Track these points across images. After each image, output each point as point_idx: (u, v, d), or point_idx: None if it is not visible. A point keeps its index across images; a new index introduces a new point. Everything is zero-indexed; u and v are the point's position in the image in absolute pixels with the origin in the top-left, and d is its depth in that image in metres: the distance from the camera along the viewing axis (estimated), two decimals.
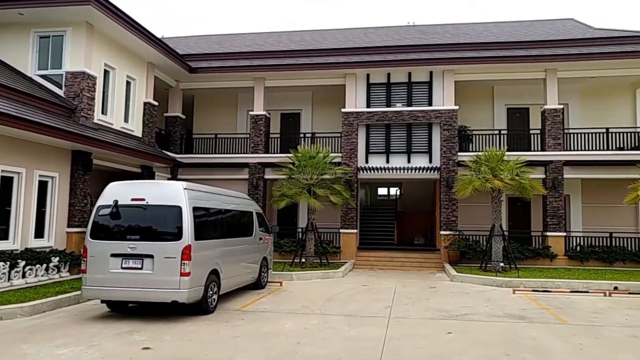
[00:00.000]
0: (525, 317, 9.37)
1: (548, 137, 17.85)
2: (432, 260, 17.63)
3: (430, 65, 18.12)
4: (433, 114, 18.09)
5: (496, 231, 15.40)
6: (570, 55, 17.55)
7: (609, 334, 8.11)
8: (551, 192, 17.55)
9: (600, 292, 12.24)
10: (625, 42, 18.35)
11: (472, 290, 12.64)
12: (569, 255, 17.17)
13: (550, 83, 17.98)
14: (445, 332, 8.11)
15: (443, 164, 17.87)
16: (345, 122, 18.40)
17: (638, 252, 16.96)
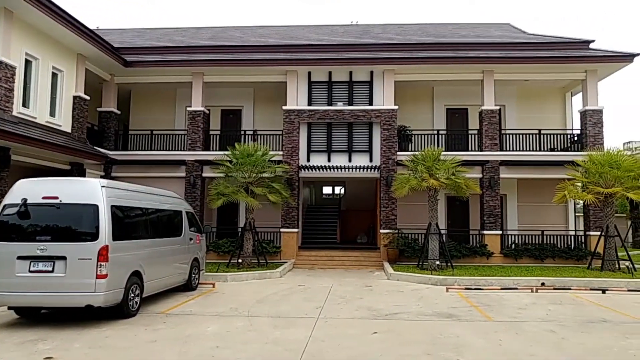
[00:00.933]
0: (453, 315, 9.44)
1: (485, 138, 18.28)
2: (372, 259, 17.68)
3: (371, 65, 18.18)
4: (373, 113, 18.15)
5: (432, 230, 15.60)
6: (506, 58, 18.05)
7: (528, 329, 8.27)
8: (488, 191, 17.98)
9: (528, 288, 12.60)
10: (557, 48, 19.07)
11: (407, 289, 12.70)
12: (504, 252, 17.65)
13: (487, 85, 18.42)
14: (371, 332, 8.02)
15: (383, 163, 17.96)
16: (286, 119, 18.16)
17: (566, 249, 17.65)
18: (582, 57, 18.11)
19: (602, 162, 15.18)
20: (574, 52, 18.58)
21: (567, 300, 11.13)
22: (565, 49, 18.96)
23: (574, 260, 17.22)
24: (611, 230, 15.34)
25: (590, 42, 19.17)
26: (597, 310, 10.07)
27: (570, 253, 17.48)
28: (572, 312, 9.84)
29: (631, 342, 7.57)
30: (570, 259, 17.31)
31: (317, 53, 18.88)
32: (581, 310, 9.98)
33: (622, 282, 13.20)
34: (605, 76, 19.20)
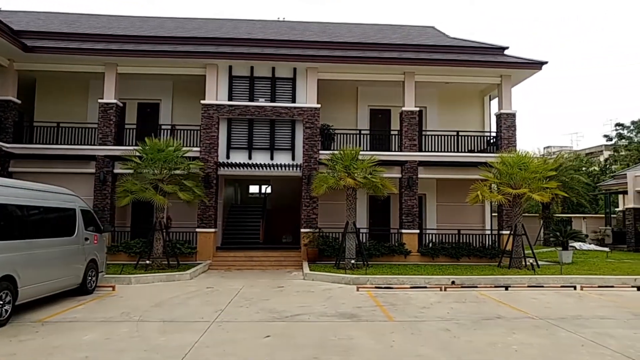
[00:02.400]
0: (356, 316, 9.32)
1: (405, 138, 18.50)
2: (292, 259, 17.41)
3: (294, 61, 17.90)
4: (296, 111, 17.90)
5: (350, 229, 15.55)
6: (426, 60, 18.34)
7: (425, 329, 8.26)
8: (406, 191, 18.20)
9: (437, 286, 12.75)
10: (475, 53, 19.63)
11: (319, 289, 12.51)
12: (422, 251, 17.93)
13: (408, 86, 18.66)
14: (264, 336, 7.71)
15: (305, 162, 17.74)
16: (205, 114, 17.52)
17: (481, 248, 18.20)
18: (497, 62, 18.73)
19: (511, 164, 15.73)
20: (490, 57, 19.20)
21: (471, 298, 11.34)
22: (483, 53, 19.56)
23: (488, 258, 17.79)
24: (519, 230, 15.93)
25: (505, 48, 19.88)
26: (495, 307, 10.30)
27: (484, 252, 18.06)
28: (472, 309, 10.00)
29: (516, 337, 7.72)
30: (484, 258, 17.87)
31: (239, 47, 18.35)
32: (481, 308, 10.16)
33: (524, 279, 13.69)
34: (519, 82, 20.01)
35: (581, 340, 7.57)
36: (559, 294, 12.16)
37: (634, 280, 13.90)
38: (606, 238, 27.15)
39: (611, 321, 9.01)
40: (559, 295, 11.86)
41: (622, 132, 42.39)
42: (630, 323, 8.86)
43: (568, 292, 12.38)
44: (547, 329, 8.34)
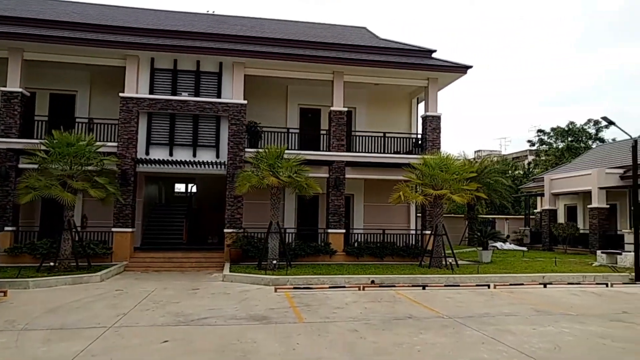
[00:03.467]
0: (266, 318, 9.01)
1: (333, 138, 18.43)
2: (215, 260, 16.85)
3: (220, 56, 17.34)
4: (221, 106, 17.35)
5: (273, 229, 15.24)
6: (355, 60, 18.36)
7: (333, 330, 8.09)
8: (333, 191, 18.13)
9: (356, 286, 12.70)
10: (404, 55, 19.90)
11: (236, 290, 12.11)
12: (347, 251, 17.92)
13: (337, 85, 18.60)
14: (162, 341, 7.24)
15: (230, 159, 17.24)
16: (123, 108, 16.60)
17: (404, 247, 18.46)
18: (424, 65, 19.06)
19: (433, 166, 16.02)
20: (419, 59, 19.53)
21: (387, 298, 11.35)
22: (412, 56, 19.86)
23: (411, 258, 18.06)
24: (439, 230, 16.26)
25: (432, 51, 20.32)
26: (409, 306, 10.34)
27: (407, 251, 18.33)
28: (385, 309, 9.97)
29: (423, 337, 7.72)
30: (408, 257, 18.13)
31: (162, 38, 17.54)
32: (395, 307, 10.17)
33: (442, 278, 13.95)
34: (446, 85, 20.50)
35: (483, 338, 7.67)
36: (473, 292, 12.45)
37: (542, 277, 14.53)
38: (525, 238, 28.51)
39: (514, 318, 9.25)
40: (473, 294, 12.13)
41: (543, 138, 44.88)
42: (531, 319, 9.14)
43: (482, 291, 12.71)
44: (454, 327, 8.42)
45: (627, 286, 14.15)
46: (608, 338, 7.82)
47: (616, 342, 7.60)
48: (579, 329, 8.39)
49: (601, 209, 23.54)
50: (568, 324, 8.83)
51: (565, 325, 8.70)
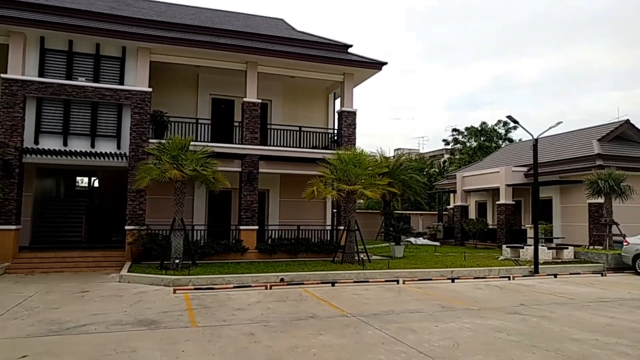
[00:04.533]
0: (155, 323, 8.19)
1: (246, 131, 17.70)
2: (115, 259, 15.56)
3: (123, 39, 16.00)
4: (123, 94, 16.04)
5: (177, 225, 14.28)
6: (269, 50, 17.72)
7: (227, 334, 7.46)
8: (246, 185, 17.41)
9: (264, 285, 12.14)
10: (320, 48, 19.55)
11: (130, 292, 11.09)
12: (260, 248, 17.28)
13: (250, 76, 17.88)
14: (20, 356, 6.23)
15: (132, 151, 16.00)
16: (6, 91, 14.82)
17: (319, 243, 18.13)
18: (340, 60, 18.83)
19: (346, 161, 15.79)
20: (335, 54, 19.27)
21: (294, 296, 10.88)
22: (328, 50, 19.56)
23: (325, 254, 17.75)
24: (352, 225, 16.08)
25: (349, 46, 20.16)
26: (314, 305, 9.93)
27: (322, 247, 18.01)
28: (289, 309, 9.48)
29: (321, 338, 7.29)
30: (322, 253, 17.81)
31: (53, 16, 15.87)
32: (299, 307, 9.70)
33: (353, 274, 13.72)
34: (362, 81, 20.46)
35: (384, 338, 7.38)
36: (382, 288, 12.31)
37: (450, 272, 14.75)
38: (438, 233, 29.37)
39: (419, 315, 9.11)
40: (381, 290, 11.98)
41: (457, 137, 46.73)
42: (434, 316, 9.03)
43: (390, 287, 12.61)
44: (356, 327, 8.08)
45: (526, 278, 14.71)
46: (504, 332, 7.82)
47: (511, 335, 7.61)
48: (479, 324, 8.37)
49: (508, 205, 24.67)
50: (470, 319, 8.80)
51: (467, 320, 8.66)
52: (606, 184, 18.23)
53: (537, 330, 8.00)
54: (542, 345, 7.04)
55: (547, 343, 7.19)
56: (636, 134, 24.97)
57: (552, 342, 7.23)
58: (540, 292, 12.15)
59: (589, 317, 9.16)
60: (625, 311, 9.79)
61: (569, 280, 14.47)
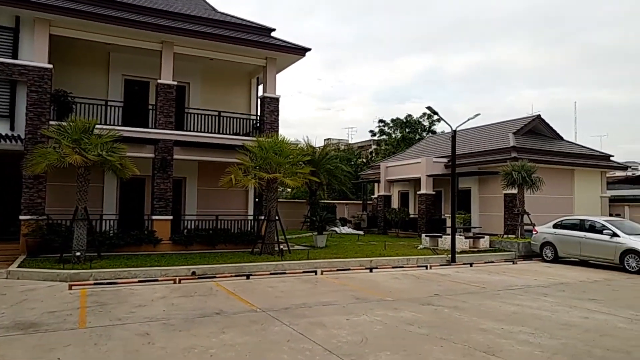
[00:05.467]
0: (36, 325, 7.25)
1: (160, 114, 16.61)
2: (8, 253, 14.04)
3: (16, 7, 14.35)
4: (17, 69, 14.44)
5: (80, 215, 13.09)
6: (187, 30, 16.67)
7: (118, 336, 6.71)
8: (159, 173, 16.37)
9: (172, 279, 11.37)
10: (242, 30, 18.71)
11: (16, 290, 9.92)
12: (175, 239, 16.35)
13: (166, 57, 16.79)
14: None
15: (29, 133, 14.48)
16: None
17: (239, 234, 17.47)
18: (262, 43, 18.14)
19: (267, 148, 15.23)
20: (256, 37, 18.53)
21: (203, 291, 10.22)
22: (250, 32, 18.77)
23: (245, 245, 17.11)
24: (272, 215, 15.57)
25: (272, 30, 19.47)
26: (224, 300, 9.35)
27: (242, 238, 17.37)
28: (195, 305, 8.83)
29: (223, 337, 6.75)
30: (242, 244, 17.17)
31: None
32: (206, 302, 9.07)
33: (271, 266, 13.24)
34: (285, 66, 19.92)
35: (290, 335, 6.96)
36: (299, 280, 11.94)
37: (370, 262, 14.68)
38: (362, 222, 29.58)
39: (331, 308, 8.80)
40: (298, 282, 11.60)
41: (383, 128, 47.49)
42: (347, 308, 8.76)
43: (308, 278, 12.27)
44: (263, 323, 7.60)
45: (443, 267, 14.94)
46: (415, 324, 7.67)
47: (422, 328, 7.46)
48: (391, 317, 8.18)
49: (428, 195, 25.20)
50: (382, 311, 8.61)
51: (380, 312, 8.46)
52: (519, 175, 18.98)
53: (448, 322, 7.93)
54: (451, 338, 6.93)
55: (456, 335, 7.10)
56: (546, 128, 26.39)
57: (460, 334, 7.15)
58: (455, 281, 12.31)
59: (498, 305, 9.28)
60: (530, 298, 10.05)
61: (483, 269, 14.86)
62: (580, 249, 16.04)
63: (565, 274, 14.08)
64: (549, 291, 11.01)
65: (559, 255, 16.75)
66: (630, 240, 14.65)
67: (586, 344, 6.76)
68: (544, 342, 6.80)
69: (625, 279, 13.36)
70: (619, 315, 8.56)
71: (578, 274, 14.16)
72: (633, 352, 6.44)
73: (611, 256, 15.04)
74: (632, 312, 8.89)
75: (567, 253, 16.59)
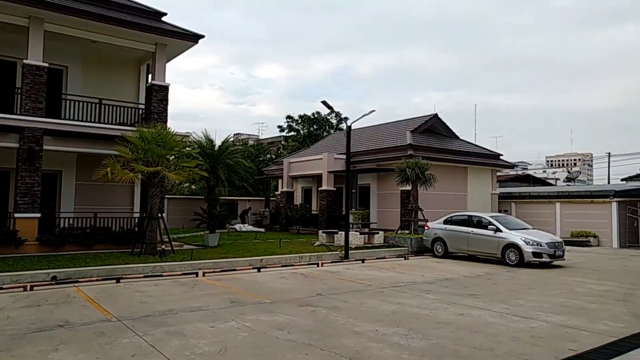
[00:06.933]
0: None
1: (26, 99, 14.73)
2: None
3: None
4: None
5: None
6: (59, 5, 14.91)
7: None
8: (25, 165, 14.50)
9: (23, 286, 9.90)
10: (129, 12, 17.13)
11: None
12: (43, 240, 14.58)
13: (35, 34, 14.92)
14: None
15: None
16: None
17: (120, 233, 16.04)
18: (151, 27, 16.76)
19: (149, 139, 14.00)
20: (145, 20, 17.12)
21: (57, 298, 8.94)
22: (136, 15, 17.28)
23: (127, 245, 15.69)
24: (155, 212, 14.38)
25: (163, 14, 18.09)
26: (78, 308, 8.18)
27: (124, 237, 15.96)
28: (37, 316, 7.60)
29: (52, 357, 5.70)
30: (123, 244, 15.75)
31: None
32: (53, 313, 7.86)
33: (148, 267, 12.13)
34: (177, 54, 18.76)
35: (139, 347, 6.06)
36: (176, 283, 10.97)
37: (260, 261, 14.02)
38: (264, 219, 28.88)
39: (200, 313, 7.98)
40: (173, 285, 10.63)
41: (292, 125, 47.12)
42: (218, 314, 7.99)
43: (186, 280, 11.33)
44: (112, 335, 6.61)
45: (335, 264, 14.66)
46: (286, 329, 7.09)
47: (292, 333, 6.89)
48: (262, 321, 7.54)
49: (329, 191, 25.05)
50: (255, 315, 7.95)
51: (251, 317, 7.79)
52: (413, 172, 19.28)
53: (323, 325, 7.45)
54: (319, 343, 6.42)
55: (326, 340, 6.61)
56: (443, 127, 27.33)
57: (331, 338, 6.68)
58: (343, 279, 11.99)
59: (379, 304, 9.00)
60: (412, 296, 9.92)
61: (374, 265, 14.77)
62: (468, 244, 16.54)
63: (453, 269, 14.35)
64: (433, 287, 11.01)
65: (449, 251, 17.18)
66: (511, 235, 15.30)
67: (455, 342, 6.58)
68: (415, 343, 6.52)
69: (504, 271, 13.86)
70: (492, 310, 8.61)
71: (464, 268, 14.50)
72: (496, 349, 6.33)
73: (495, 250, 15.62)
74: (505, 306, 9.01)
75: (456, 248, 17.05)
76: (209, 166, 19.45)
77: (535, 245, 14.78)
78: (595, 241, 23.70)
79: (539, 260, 14.68)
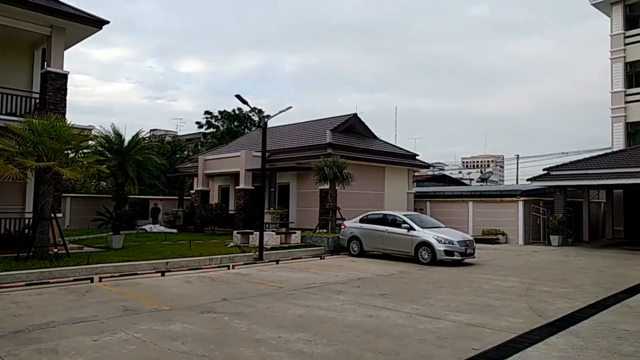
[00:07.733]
0: None
1: None
2: None
3: None
4: None
5: None
6: None
7: None
8: None
9: None
10: None
11: None
12: None
13: None
14: None
15: None
16: None
17: (5, 235, 14.40)
18: (45, 7, 15.16)
19: (40, 132, 12.59)
20: None
21: None
22: None
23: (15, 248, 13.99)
24: (47, 212, 12.99)
25: None
26: None
27: (11, 240, 14.28)
28: None
29: None
30: (10, 248, 14.04)
31: None
32: None
33: (33, 274, 10.85)
34: (78, 40, 17.20)
35: None
36: (65, 290, 9.85)
37: (165, 264, 13.10)
38: (177, 219, 27.56)
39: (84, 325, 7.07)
40: (61, 293, 9.52)
41: (211, 121, 45.62)
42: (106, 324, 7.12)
43: (78, 287, 10.22)
44: None
45: (248, 266, 14.06)
46: (180, 339, 6.43)
47: (186, 344, 6.25)
48: (155, 331, 6.82)
49: (247, 190, 24.33)
50: (149, 324, 7.20)
51: (144, 327, 7.03)
52: (331, 170, 19.10)
53: (222, 333, 6.86)
54: (215, 355, 5.84)
55: (223, 349, 6.05)
56: (362, 127, 27.51)
57: (229, 348, 6.13)
58: (253, 281, 11.43)
59: (286, 308, 8.55)
60: (323, 298, 9.57)
61: (288, 266, 14.34)
62: (383, 243, 16.59)
63: (367, 268, 14.26)
64: (345, 288, 10.76)
65: (365, 250, 17.15)
66: (423, 233, 15.50)
67: (361, 347, 6.27)
68: (319, 350, 6.13)
69: (417, 270, 13.98)
70: (402, 311, 8.45)
71: (378, 267, 14.46)
72: (402, 352, 6.09)
73: (408, 249, 15.76)
74: (414, 306, 8.90)
75: (371, 247, 17.05)
76: (117, 162, 18.21)
77: (447, 243, 15.06)
78: (504, 238, 24.89)
79: (451, 258, 14.97)
